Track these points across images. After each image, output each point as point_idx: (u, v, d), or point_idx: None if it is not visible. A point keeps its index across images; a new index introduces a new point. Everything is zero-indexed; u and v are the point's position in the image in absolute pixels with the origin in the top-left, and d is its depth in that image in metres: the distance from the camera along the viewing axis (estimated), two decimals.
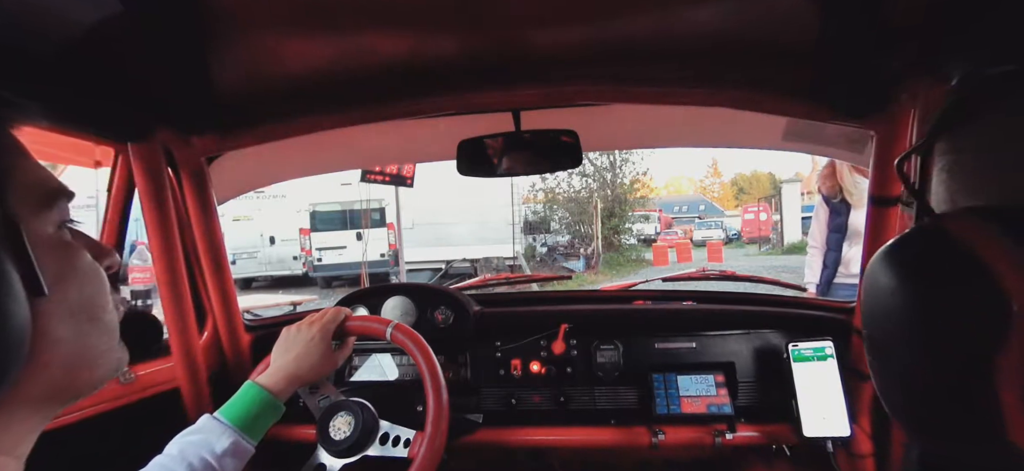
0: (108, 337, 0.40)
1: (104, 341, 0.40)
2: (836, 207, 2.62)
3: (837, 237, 2.61)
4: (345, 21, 0.68)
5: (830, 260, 2.67)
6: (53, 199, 0.38)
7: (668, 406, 1.04)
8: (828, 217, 2.68)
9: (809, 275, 2.76)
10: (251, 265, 10.91)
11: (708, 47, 0.75)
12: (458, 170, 1.03)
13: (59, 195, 0.39)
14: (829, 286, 2.66)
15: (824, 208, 2.70)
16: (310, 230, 10.34)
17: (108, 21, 0.59)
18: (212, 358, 1.10)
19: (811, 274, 2.75)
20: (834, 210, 2.64)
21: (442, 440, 0.82)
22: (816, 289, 2.68)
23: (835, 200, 2.62)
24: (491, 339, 1.17)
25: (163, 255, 0.95)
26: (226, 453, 0.69)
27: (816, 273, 2.71)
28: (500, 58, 0.79)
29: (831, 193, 2.64)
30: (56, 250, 0.37)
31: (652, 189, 19.05)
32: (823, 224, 2.70)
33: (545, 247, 13.81)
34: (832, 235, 2.65)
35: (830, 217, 2.67)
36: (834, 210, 2.64)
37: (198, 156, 0.97)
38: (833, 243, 2.64)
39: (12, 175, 0.35)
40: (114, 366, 0.41)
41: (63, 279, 0.37)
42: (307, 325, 0.88)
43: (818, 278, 2.70)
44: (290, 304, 4.72)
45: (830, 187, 2.63)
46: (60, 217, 0.38)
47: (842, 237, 2.59)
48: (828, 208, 2.68)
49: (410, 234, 9.93)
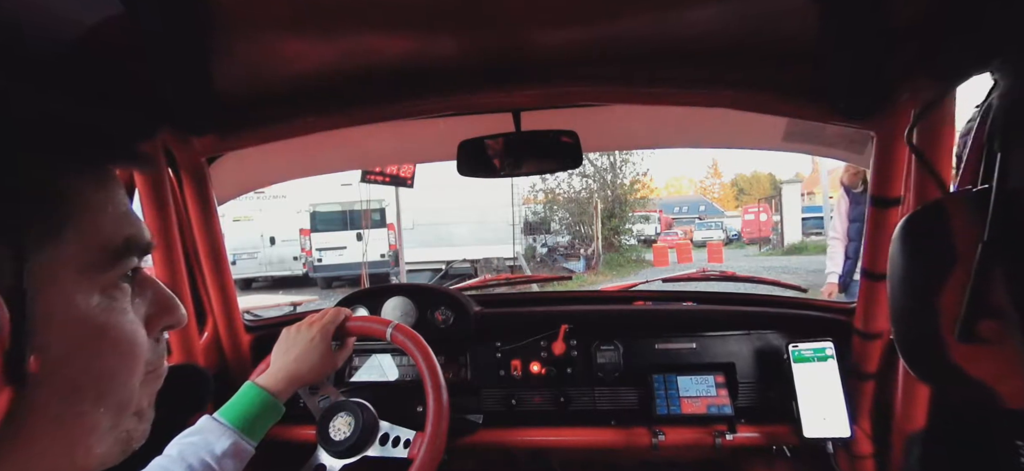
0: (115, 414, 0.34)
1: (108, 420, 0.33)
2: (857, 197, 2.62)
3: (859, 226, 2.61)
4: (345, 21, 0.68)
5: (853, 250, 2.67)
6: (113, 260, 0.33)
7: (668, 407, 1.04)
8: (849, 208, 2.67)
9: (830, 266, 2.76)
10: (251, 265, 10.91)
11: (708, 47, 0.75)
12: (458, 171, 1.03)
13: (125, 254, 0.34)
14: (850, 276, 2.66)
15: (845, 199, 2.69)
16: (310, 230, 10.35)
17: (108, 21, 0.59)
18: (212, 358, 1.10)
19: (833, 265, 2.75)
20: (855, 200, 2.63)
21: (442, 441, 0.82)
22: (838, 280, 2.68)
23: (856, 190, 2.62)
24: (491, 340, 1.17)
25: (163, 255, 0.95)
26: (226, 454, 0.69)
27: (838, 264, 2.71)
28: (500, 58, 0.79)
29: (852, 183, 2.64)
30: (82, 324, 0.31)
31: (652, 190, 19.06)
32: (844, 215, 2.70)
33: (545, 248, 13.80)
34: (853, 225, 2.64)
35: (851, 207, 2.66)
36: (855, 200, 2.63)
37: (198, 156, 0.97)
38: (854, 233, 2.64)
39: (61, 231, 0.30)
40: (121, 447, 0.35)
41: (69, 358, 0.30)
42: (307, 326, 0.88)
43: (841, 268, 2.70)
44: (290, 304, 4.71)
45: (852, 176, 2.63)
46: (118, 274, 0.34)
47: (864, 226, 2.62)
48: (849, 198, 2.67)
49: (410, 234, 9.94)
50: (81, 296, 0.31)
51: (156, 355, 0.38)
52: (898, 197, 0.77)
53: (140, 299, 0.37)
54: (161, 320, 0.39)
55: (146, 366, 0.36)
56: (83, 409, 0.32)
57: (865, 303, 0.87)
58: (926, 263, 0.38)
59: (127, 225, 0.35)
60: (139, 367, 0.35)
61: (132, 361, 0.34)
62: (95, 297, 0.32)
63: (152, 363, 0.37)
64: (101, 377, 0.32)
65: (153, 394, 0.39)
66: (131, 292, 0.36)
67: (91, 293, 0.32)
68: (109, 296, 0.33)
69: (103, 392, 0.33)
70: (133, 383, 0.35)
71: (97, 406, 0.32)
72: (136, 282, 0.36)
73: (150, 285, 0.38)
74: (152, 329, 0.37)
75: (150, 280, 0.38)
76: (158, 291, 0.39)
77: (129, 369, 0.34)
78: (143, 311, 0.37)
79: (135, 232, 0.35)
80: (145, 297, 0.38)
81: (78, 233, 0.31)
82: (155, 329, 0.38)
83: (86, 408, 0.32)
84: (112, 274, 0.33)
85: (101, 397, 0.32)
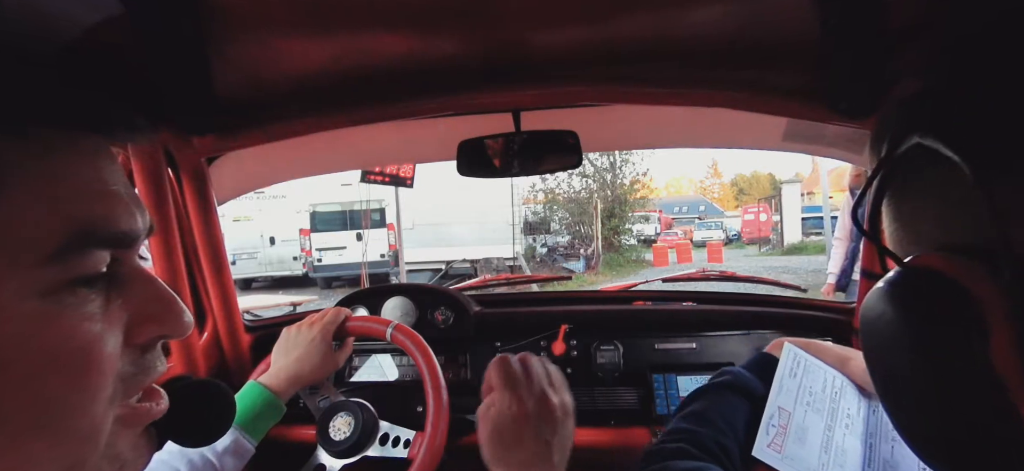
0: (68, 451, 0.27)
1: (56, 458, 0.26)
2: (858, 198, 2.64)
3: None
4: (345, 21, 0.68)
5: (851, 251, 2.68)
6: (58, 254, 0.26)
7: (668, 407, 1.04)
8: (852, 208, 2.69)
9: (830, 266, 2.80)
10: (251, 265, 10.92)
11: (708, 47, 0.74)
12: (458, 171, 1.03)
13: (77, 245, 0.26)
14: (848, 277, 2.68)
15: (850, 200, 2.71)
16: (310, 230, 10.36)
17: (108, 21, 0.59)
18: (212, 358, 1.10)
19: (832, 265, 2.78)
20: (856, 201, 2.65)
21: (442, 441, 0.82)
22: (835, 280, 2.71)
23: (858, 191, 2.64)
24: (491, 339, 1.17)
25: (163, 255, 0.95)
26: (227, 451, 0.70)
27: (837, 264, 2.74)
28: (500, 58, 0.79)
29: (857, 183, 2.65)
30: (4, 333, 0.24)
31: (652, 190, 19.09)
32: (848, 216, 2.72)
33: (545, 248, 13.81)
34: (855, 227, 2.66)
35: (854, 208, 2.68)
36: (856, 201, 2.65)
37: (198, 156, 0.97)
38: (856, 234, 2.66)
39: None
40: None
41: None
42: (308, 326, 0.88)
43: (838, 269, 2.73)
44: (290, 304, 4.72)
45: (854, 178, 2.64)
46: (66, 272, 0.26)
47: None
48: (852, 200, 2.69)
49: (410, 235, 9.94)
50: (7, 298, 0.24)
51: (138, 370, 0.30)
52: None
53: (120, 300, 0.29)
54: (149, 329, 0.31)
55: (120, 386, 0.29)
56: (17, 441, 0.25)
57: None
58: (957, 325, 0.30)
59: (89, 206, 0.27)
60: (100, 389, 0.27)
61: (85, 380, 0.27)
62: (31, 301, 0.25)
63: (131, 382, 0.30)
64: (37, 402, 0.25)
65: (136, 436, 0.31)
66: (103, 293, 0.28)
67: (25, 296, 0.25)
68: (55, 299, 0.26)
69: (42, 422, 0.25)
70: (94, 410, 0.27)
71: (34, 440, 0.25)
72: (116, 279, 0.29)
73: (138, 283, 0.30)
74: (135, 338, 0.30)
75: (140, 276, 0.31)
76: (150, 292, 0.31)
77: (82, 391, 0.27)
78: (124, 316, 0.29)
79: (101, 215, 0.28)
80: (129, 298, 0.30)
81: (2, 217, 0.24)
82: (140, 339, 0.30)
83: (22, 440, 0.25)
84: (58, 273, 0.26)
85: (39, 428, 0.25)
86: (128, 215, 0.29)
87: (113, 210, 0.28)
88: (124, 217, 0.29)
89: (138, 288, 0.30)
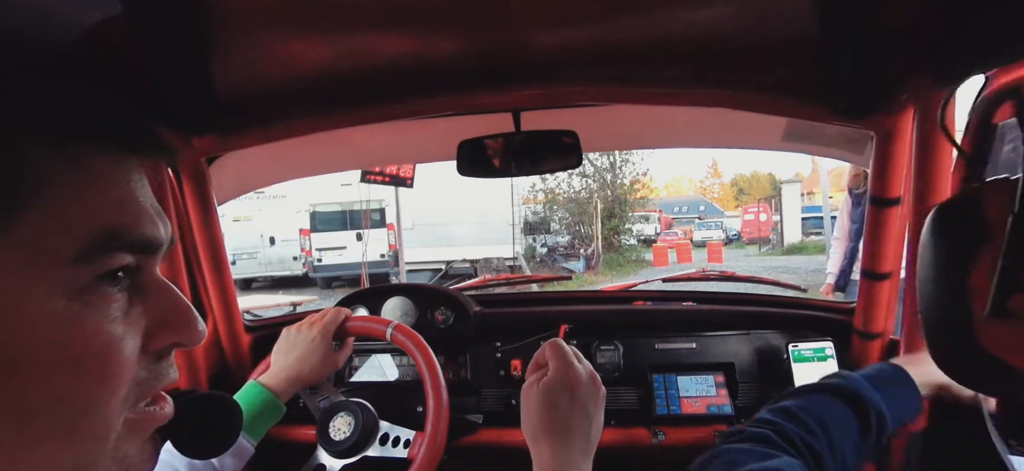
0: (82, 451, 0.28)
1: (70, 455, 0.27)
2: (858, 198, 2.62)
3: (858, 227, 2.62)
4: (345, 21, 0.68)
5: (850, 251, 2.68)
6: (87, 256, 0.27)
7: (668, 406, 1.04)
8: (850, 209, 2.68)
9: (830, 266, 2.79)
10: (251, 265, 10.92)
11: (708, 47, 0.75)
12: (458, 171, 1.03)
13: (105, 248, 0.28)
14: (847, 277, 2.68)
15: (849, 200, 2.70)
16: (310, 230, 10.36)
17: (108, 21, 0.59)
18: (212, 358, 1.10)
19: (831, 265, 2.78)
20: (855, 201, 2.64)
21: (442, 441, 0.82)
22: (833, 280, 2.70)
23: (858, 191, 2.62)
24: (491, 339, 1.17)
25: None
26: (227, 452, 0.70)
27: (836, 264, 2.74)
28: (500, 58, 0.79)
29: (855, 184, 2.64)
30: (35, 331, 0.26)
31: (652, 190, 19.08)
32: (846, 216, 2.71)
33: (545, 248, 13.81)
34: (854, 226, 2.65)
35: (853, 208, 2.66)
36: (855, 201, 2.64)
37: (198, 156, 0.97)
38: (854, 234, 2.65)
39: (13, 217, 0.25)
40: None
41: (15, 372, 0.25)
42: (308, 326, 0.88)
43: (837, 269, 2.72)
44: (290, 304, 4.72)
45: (853, 178, 2.64)
46: (93, 272, 0.27)
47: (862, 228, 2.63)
48: (852, 199, 2.68)
49: (410, 235, 9.94)
50: (38, 297, 0.26)
51: (152, 376, 0.31)
52: (897, 197, 0.77)
53: (141, 307, 0.31)
54: (166, 336, 0.32)
55: (134, 390, 0.30)
56: (34, 439, 0.26)
57: (865, 303, 0.87)
58: (957, 245, 0.38)
59: (116, 214, 0.29)
60: (117, 391, 0.28)
61: (103, 382, 0.28)
62: (59, 300, 0.26)
63: (144, 387, 0.31)
64: (59, 399, 0.26)
65: (143, 440, 0.32)
66: (125, 298, 0.30)
67: (54, 295, 0.26)
68: (81, 300, 0.27)
69: (60, 419, 0.26)
70: (108, 411, 0.28)
71: (52, 436, 0.26)
72: (137, 286, 0.31)
73: (158, 292, 0.32)
74: (152, 344, 0.31)
75: (159, 286, 0.32)
76: (169, 301, 0.32)
77: (100, 392, 0.28)
78: (143, 323, 0.31)
79: (126, 222, 0.29)
80: (149, 305, 0.31)
81: (39, 221, 0.26)
82: (157, 345, 0.32)
83: (39, 438, 0.26)
84: (84, 272, 0.27)
85: (57, 425, 0.26)
86: (152, 224, 0.31)
87: (139, 219, 0.30)
88: (148, 225, 0.31)
89: (157, 297, 0.32)
